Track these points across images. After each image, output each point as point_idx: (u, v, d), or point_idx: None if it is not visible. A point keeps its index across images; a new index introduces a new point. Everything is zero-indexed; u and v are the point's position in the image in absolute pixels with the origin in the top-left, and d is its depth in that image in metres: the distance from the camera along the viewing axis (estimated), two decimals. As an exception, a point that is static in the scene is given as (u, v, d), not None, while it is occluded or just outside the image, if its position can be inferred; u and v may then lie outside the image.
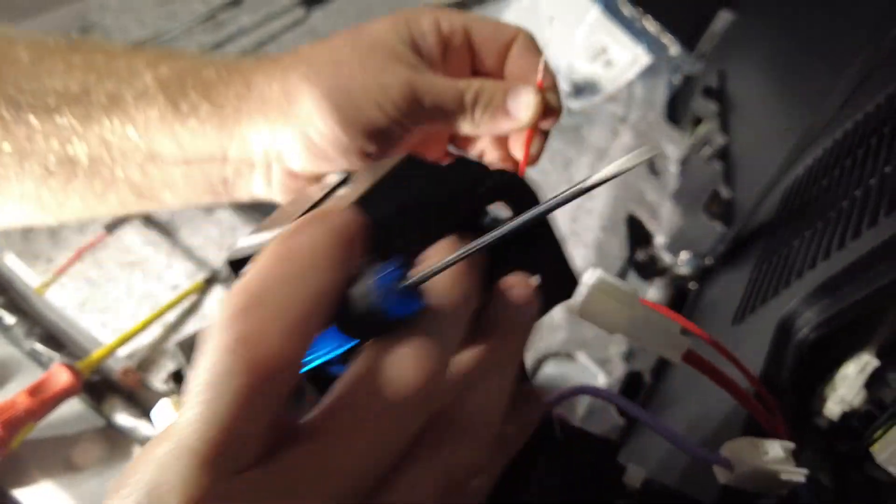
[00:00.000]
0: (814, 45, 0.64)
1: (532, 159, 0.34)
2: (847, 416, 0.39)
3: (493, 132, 0.33)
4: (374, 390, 0.14)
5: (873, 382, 0.39)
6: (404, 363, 0.14)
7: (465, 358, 0.17)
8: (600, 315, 0.30)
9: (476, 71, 0.34)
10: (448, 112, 0.30)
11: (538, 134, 0.33)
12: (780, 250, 0.50)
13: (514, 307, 0.19)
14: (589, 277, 0.30)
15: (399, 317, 0.15)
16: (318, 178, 0.31)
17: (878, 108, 0.49)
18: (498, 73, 0.34)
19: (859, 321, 0.40)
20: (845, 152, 0.50)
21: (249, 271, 0.14)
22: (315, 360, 0.17)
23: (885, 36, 0.50)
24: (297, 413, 0.15)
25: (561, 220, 0.77)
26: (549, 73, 0.32)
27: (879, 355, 0.39)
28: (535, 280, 0.20)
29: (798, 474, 0.29)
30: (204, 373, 0.13)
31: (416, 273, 0.15)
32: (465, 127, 0.31)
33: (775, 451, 0.30)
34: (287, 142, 0.30)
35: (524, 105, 0.31)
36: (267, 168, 0.31)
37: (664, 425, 0.31)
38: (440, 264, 0.16)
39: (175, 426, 0.13)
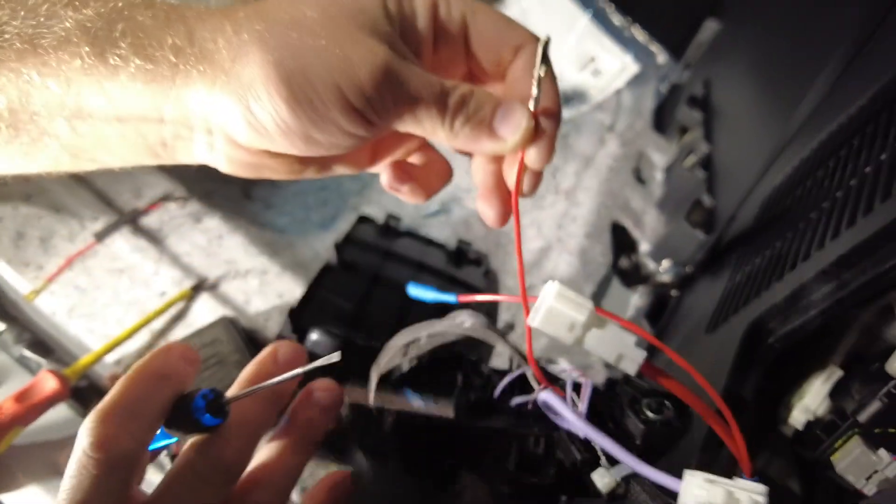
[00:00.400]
0: (794, 54, 0.64)
1: (524, 193, 0.30)
2: (811, 425, 0.40)
3: (471, 149, 0.28)
4: (192, 470, 0.22)
5: (837, 392, 0.40)
6: (210, 453, 0.22)
7: (265, 450, 0.25)
8: (558, 328, 0.30)
9: (471, 72, 0.30)
10: (425, 112, 0.26)
11: (529, 169, 0.29)
12: (752, 261, 0.51)
13: (313, 406, 0.26)
14: (548, 290, 0.30)
15: (209, 425, 0.22)
16: (269, 155, 0.27)
17: (850, 119, 0.50)
18: (495, 82, 0.29)
19: (825, 332, 0.41)
20: (817, 164, 0.50)
21: (111, 390, 0.21)
22: (156, 445, 0.24)
23: (859, 48, 0.51)
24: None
25: (546, 226, 0.78)
26: (553, 99, 0.27)
27: (844, 366, 0.40)
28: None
29: None
30: (69, 471, 0.20)
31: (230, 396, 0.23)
32: (441, 134, 0.27)
33: (717, 497, 0.27)
34: (227, 111, 0.25)
35: (513, 126, 0.26)
36: (209, 134, 0.27)
37: (614, 443, 0.32)
38: (241, 393, 0.24)
39: None
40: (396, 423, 0.34)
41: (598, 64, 0.92)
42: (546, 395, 0.34)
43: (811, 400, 0.40)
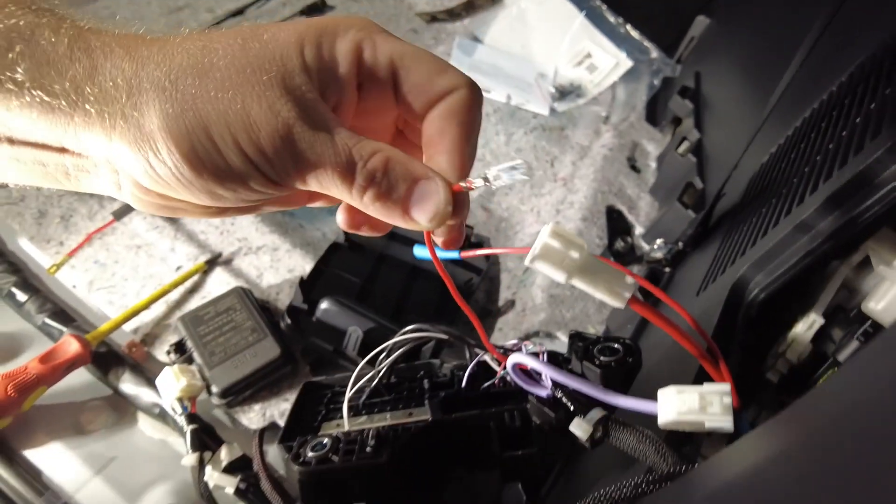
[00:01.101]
0: (774, 47, 0.68)
1: (450, 244, 0.29)
2: (794, 370, 0.43)
3: (387, 221, 0.26)
4: None
5: (818, 339, 0.42)
6: None
7: None
8: (553, 262, 0.33)
9: (401, 116, 0.28)
10: (329, 181, 0.24)
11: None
12: (740, 228, 0.54)
13: None
14: (543, 230, 0.33)
15: None
16: (179, 200, 0.25)
17: (821, 104, 0.53)
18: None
19: (807, 286, 0.44)
20: (800, 139, 0.54)
21: None
22: None
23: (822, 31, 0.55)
24: None
25: (545, 212, 0.81)
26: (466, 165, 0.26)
27: (825, 315, 0.43)
28: None
29: (725, 421, 0.29)
30: None
31: None
32: (350, 202, 0.25)
33: (691, 401, 0.30)
34: (127, 159, 0.23)
35: (429, 213, 0.25)
36: (114, 173, 0.25)
37: (587, 382, 0.35)
38: None
39: None
40: (377, 441, 0.34)
41: (593, 60, 0.95)
42: (514, 357, 0.35)
43: (794, 346, 0.43)
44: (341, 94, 0.25)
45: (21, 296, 0.58)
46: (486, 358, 0.39)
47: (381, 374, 0.39)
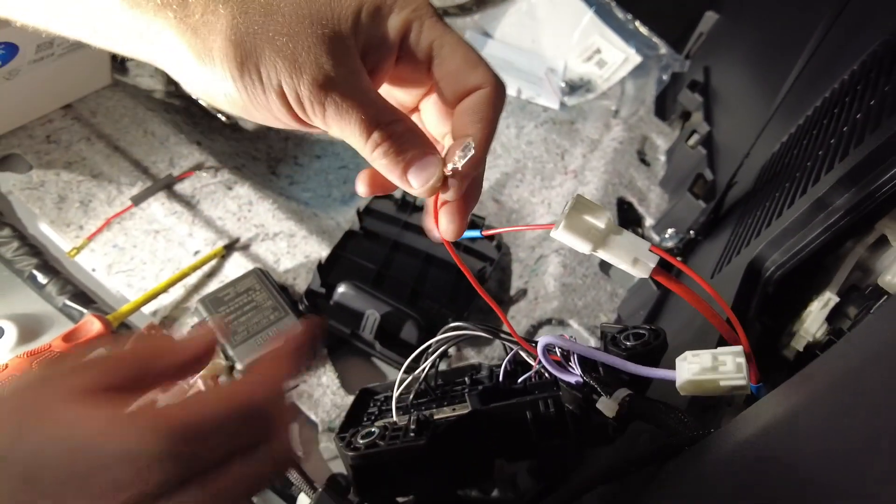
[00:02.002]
0: (783, 40, 0.69)
1: (448, 237, 0.31)
2: (811, 347, 0.43)
3: (387, 177, 0.29)
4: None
5: (834, 316, 0.43)
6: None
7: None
8: (578, 232, 0.33)
9: (430, 92, 0.31)
10: (349, 132, 0.27)
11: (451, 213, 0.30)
12: (753, 213, 0.54)
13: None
14: (569, 202, 0.34)
15: None
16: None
17: (832, 93, 0.54)
18: (452, 108, 0.30)
19: (822, 260, 0.44)
20: (812, 125, 0.54)
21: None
22: None
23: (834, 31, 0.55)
24: None
25: (556, 203, 0.81)
26: (469, 162, 0.28)
27: (840, 293, 0.43)
28: None
29: (738, 379, 0.30)
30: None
31: None
32: (362, 152, 0.28)
33: (704, 361, 0.31)
34: (184, 65, 0.26)
35: (422, 180, 0.28)
36: (166, 71, 0.28)
37: (615, 358, 0.36)
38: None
39: None
40: (418, 426, 0.36)
41: (602, 55, 0.96)
42: (545, 338, 0.37)
43: (810, 324, 0.44)
44: (380, 61, 0.28)
45: (42, 278, 0.59)
46: (523, 354, 0.40)
47: (426, 372, 0.40)
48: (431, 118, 0.33)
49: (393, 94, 0.32)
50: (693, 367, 0.33)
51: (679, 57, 0.95)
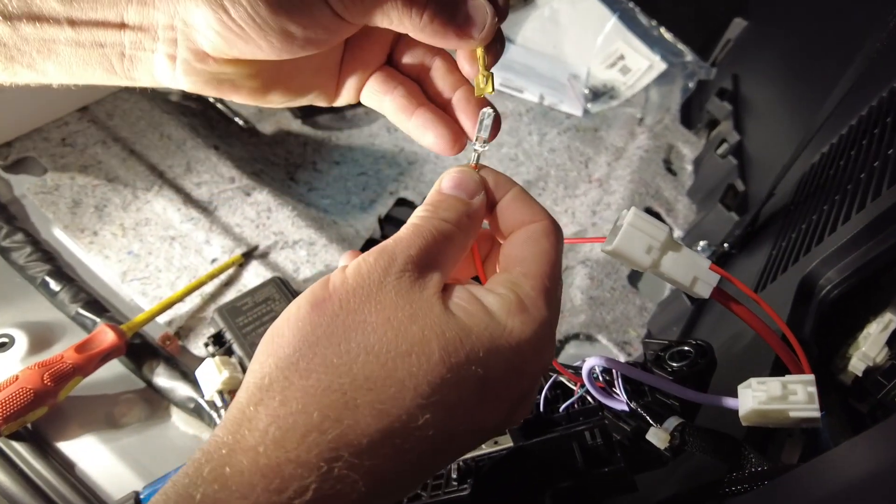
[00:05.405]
0: (820, 47, 0.67)
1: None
2: (869, 372, 0.41)
3: (438, 44, 0.28)
4: None
5: (895, 341, 0.41)
6: None
7: None
8: (635, 251, 0.31)
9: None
10: (392, 9, 0.26)
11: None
12: (798, 227, 0.52)
13: None
14: (625, 215, 0.32)
15: None
16: (233, 63, 0.26)
17: (880, 102, 0.52)
18: None
19: (880, 280, 0.42)
20: (850, 144, 0.52)
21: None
22: None
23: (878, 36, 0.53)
24: None
25: (580, 213, 0.79)
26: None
27: (899, 316, 0.41)
28: None
29: (810, 410, 0.28)
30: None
31: None
32: (409, 27, 0.27)
33: (773, 389, 0.29)
34: (197, 12, 0.24)
35: (479, 23, 0.27)
36: (172, 43, 0.26)
37: (667, 382, 0.34)
38: None
39: None
40: (459, 474, 0.34)
41: (626, 62, 0.94)
42: (591, 360, 0.35)
43: (869, 348, 0.41)
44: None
45: (55, 285, 0.57)
46: (562, 379, 0.38)
47: None
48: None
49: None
50: (760, 396, 0.30)
51: (705, 64, 0.93)
